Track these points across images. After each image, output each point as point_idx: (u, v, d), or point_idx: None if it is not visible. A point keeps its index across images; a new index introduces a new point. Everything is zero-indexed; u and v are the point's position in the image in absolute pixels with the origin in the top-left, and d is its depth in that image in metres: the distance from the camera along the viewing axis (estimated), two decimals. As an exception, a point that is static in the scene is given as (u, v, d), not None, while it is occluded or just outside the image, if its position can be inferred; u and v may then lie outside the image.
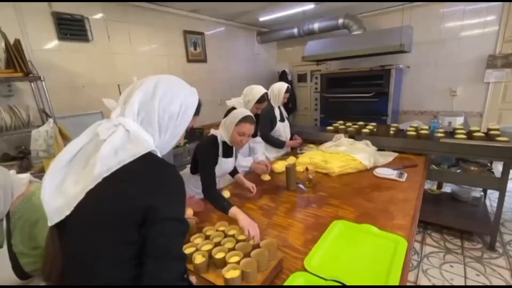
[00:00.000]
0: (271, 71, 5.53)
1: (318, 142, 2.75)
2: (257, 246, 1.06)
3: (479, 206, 2.55)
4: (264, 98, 1.94)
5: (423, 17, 3.77)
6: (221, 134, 1.55)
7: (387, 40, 3.35)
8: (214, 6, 3.51)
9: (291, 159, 2.28)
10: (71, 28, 2.62)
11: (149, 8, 3.22)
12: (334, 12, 3.93)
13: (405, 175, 1.84)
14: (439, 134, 2.32)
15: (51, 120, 2.18)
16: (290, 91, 5.68)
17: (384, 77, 3.63)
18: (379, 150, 2.38)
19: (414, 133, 2.44)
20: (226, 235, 1.16)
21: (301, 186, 1.77)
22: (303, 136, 3.26)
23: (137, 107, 0.67)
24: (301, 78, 5.41)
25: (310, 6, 3.65)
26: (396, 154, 2.30)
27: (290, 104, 5.40)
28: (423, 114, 4.18)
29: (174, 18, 3.53)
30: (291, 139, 2.69)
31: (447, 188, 3.04)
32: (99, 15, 2.82)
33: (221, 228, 1.22)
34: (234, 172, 1.81)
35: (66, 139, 2.32)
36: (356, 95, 3.86)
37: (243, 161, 1.98)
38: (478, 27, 3.51)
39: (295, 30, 4.45)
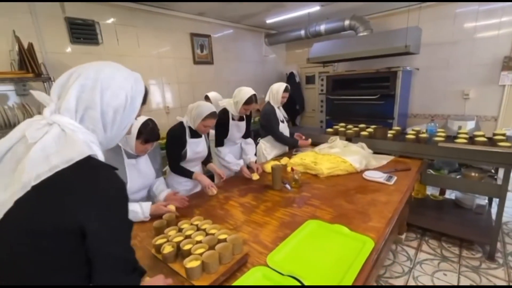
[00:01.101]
0: (280, 72, 5.55)
1: (318, 144, 2.75)
2: (223, 240, 1.11)
3: (483, 214, 2.44)
4: (251, 100, 1.98)
5: (433, 18, 3.65)
6: (187, 120, 1.76)
7: (392, 41, 3.28)
8: (220, 9, 3.60)
9: (284, 160, 2.31)
10: (82, 32, 2.80)
11: (157, 12, 3.36)
12: (340, 13, 3.91)
13: (394, 178, 1.81)
14: (438, 138, 2.25)
15: (59, 117, 2.34)
16: (298, 93, 5.63)
17: (391, 79, 3.56)
18: (376, 153, 2.35)
19: (413, 136, 2.38)
20: (198, 229, 1.22)
21: (287, 186, 1.79)
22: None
23: (75, 103, 0.61)
24: (309, 79, 5.39)
25: (316, 8, 3.65)
26: (391, 157, 2.26)
27: (298, 106, 5.41)
28: (433, 117, 4.03)
29: (181, 21, 3.66)
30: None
31: (453, 194, 2.92)
32: (109, 20, 2.99)
33: (196, 222, 1.27)
34: (207, 161, 1.96)
35: (73, 135, 2.48)
36: (361, 97, 3.81)
37: (234, 166, 2.04)
38: (493, 28, 3.35)
39: (302, 32, 4.46)
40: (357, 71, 3.95)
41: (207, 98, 2.92)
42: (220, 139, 2.07)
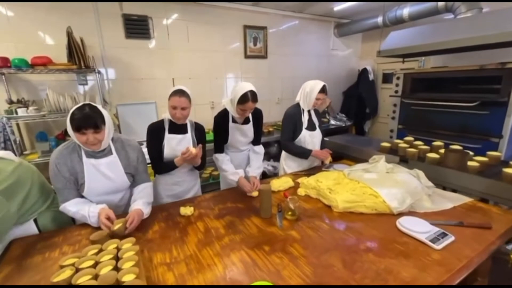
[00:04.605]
0: (350, 69, 4.76)
1: (362, 161, 2.11)
2: (121, 284, 0.84)
3: None
4: (246, 97, 1.57)
5: None
6: (167, 115, 1.63)
7: (509, 23, 2.20)
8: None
9: (303, 178, 1.83)
10: (136, 28, 2.98)
11: (209, 5, 3.29)
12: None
13: (450, 239, 1.11)
14: None
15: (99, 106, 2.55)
16: (371, 93, 4.73)
17: (504, 79, 2.44)
18: (442, 188, 1.59)
19: (516, 172, 1.49)
20: (117, 258, 0.99)
21: (278, 217, 1.36)
22: (349, 153, 2.66)
23: None
24: (387, 78, 4.41)
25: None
26: (465, 200, 1.47)
27: (368, 109, 4.54)
28: None
29: (234, 13, 3.49)
30: None
31: None
32: (161, 15, 3.09)
33: (124, 246, 1.05)
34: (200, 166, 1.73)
35: (112, 124, 2.68)
36: (450, 103, 2.78)
37: (231, 175, 1.71)
38: None
39: (379, 19, 3.62)
40: (449, 68, 2.90)
41: None
42: (218, 145, 1.78)
